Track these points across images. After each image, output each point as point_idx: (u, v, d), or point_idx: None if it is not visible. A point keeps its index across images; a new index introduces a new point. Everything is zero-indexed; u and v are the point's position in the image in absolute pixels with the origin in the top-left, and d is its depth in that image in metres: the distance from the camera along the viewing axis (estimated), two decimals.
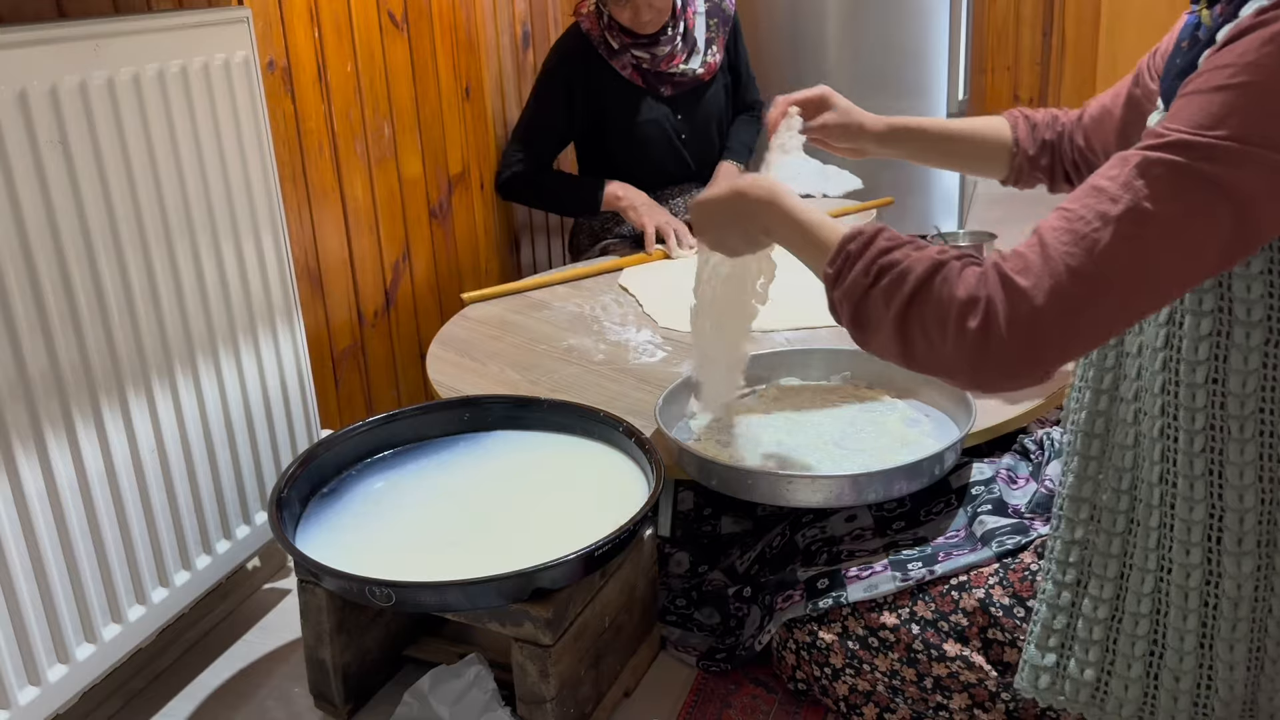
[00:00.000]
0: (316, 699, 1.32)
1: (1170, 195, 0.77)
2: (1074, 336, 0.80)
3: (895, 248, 0.89)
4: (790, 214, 1.02)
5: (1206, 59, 0.80)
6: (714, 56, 2.26)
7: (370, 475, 1.39)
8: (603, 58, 2.19)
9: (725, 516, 1.58)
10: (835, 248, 0.92)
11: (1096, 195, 0.80)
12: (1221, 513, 0.90)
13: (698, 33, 2.24)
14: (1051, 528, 1.04)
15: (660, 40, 2.18)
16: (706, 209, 1.14)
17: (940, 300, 0.83)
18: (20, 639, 1.13)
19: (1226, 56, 0.77)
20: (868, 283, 0.88)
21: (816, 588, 1.23)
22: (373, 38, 1.90)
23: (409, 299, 2.08)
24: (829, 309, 0.94)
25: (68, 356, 1.16)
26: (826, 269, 0.93)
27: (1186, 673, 0.94)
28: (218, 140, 1.36)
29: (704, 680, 1.34)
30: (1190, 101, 0.78)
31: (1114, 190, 0.79)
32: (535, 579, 1.12)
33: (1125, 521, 0.96)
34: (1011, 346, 0.80)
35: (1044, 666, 1.02)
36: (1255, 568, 0.91)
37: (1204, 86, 0.78)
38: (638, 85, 2.21)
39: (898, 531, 1.31)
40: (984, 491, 1.28)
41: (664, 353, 1.68)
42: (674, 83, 2.23)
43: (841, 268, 0.91)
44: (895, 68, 3.27)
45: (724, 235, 1.13)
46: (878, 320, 0.88)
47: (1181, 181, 0.77)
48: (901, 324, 0.86)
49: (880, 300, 0.87)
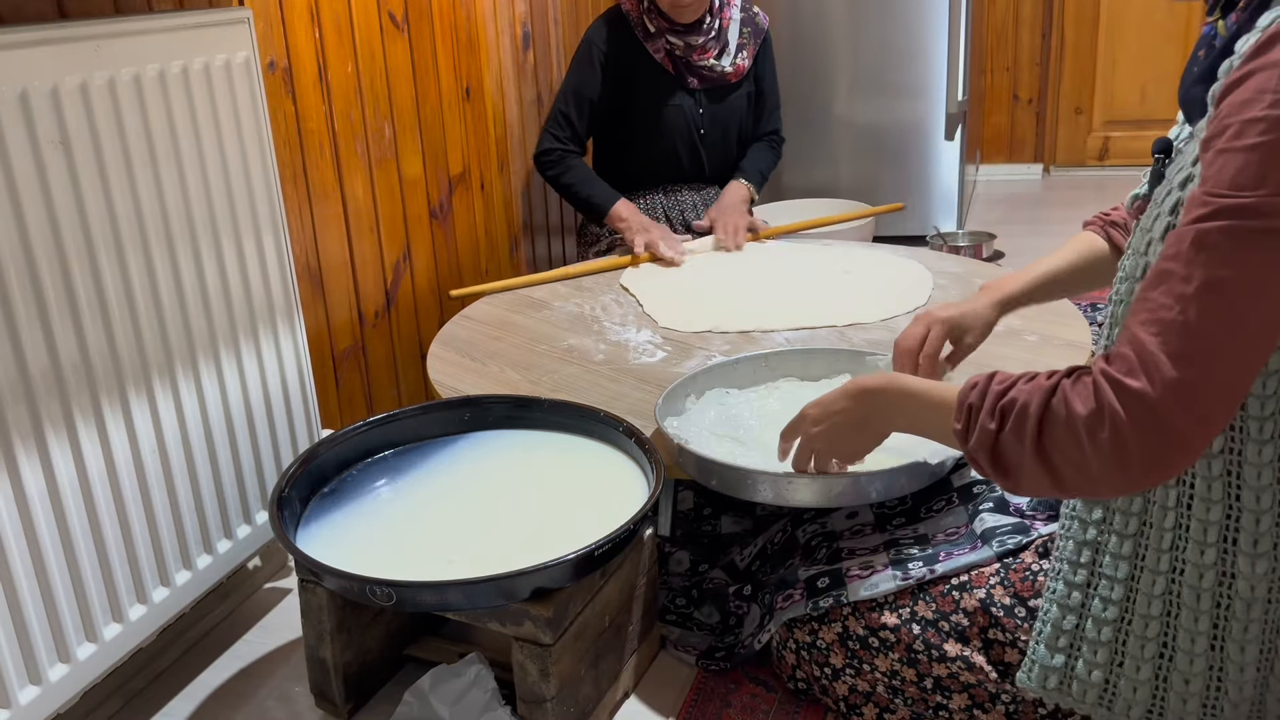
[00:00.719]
0: (317, 698, 1.33)
1: (1236, 259, 0.78)
2: (1207, 413, 0.80)
3: (1010, 388, 0.90)
4: (909, 388, 1.03)
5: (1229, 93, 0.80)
6: (744, 60, 2.33)
7: (371, 475, 1.39)
8: (638, 39, 2.26)
9: (725, 516, 1.58)
10: (956, 405, 0.93)
11: (1168, 279, 0.81)
12: (1239, 513, 0.90)
13: (731, 34, 2.31)
14: (1062, 527, 1.04)
15: (696, 30, 2.24)
16: (829, 416, 1.11)
17: (1066, 423, 0.84)
18: (21, 638, 1.14)
19: (1255, 108, 0.78)
20: (995, 429, 0.89)
21: (817, 587, 1.23)
22: (373, 38, 1.90)
23: (409, 299, 2.08)
24: (970, 464, 0.94)
25: (69, 356, 1.16)
26: (955, 426, 0.94)
27: (1196, 674, 0.94)
28: (219, 140, 1.36)
29: (704, 679, 1.34)
30: (1228, 161, 0.79)
31: (1182, 270, 0.80)
32: (535, 578, 1.12)
33: (1138, 523, 0.96)
34: (1149, 445, 0.81)
35: (1052, 667, 1.02)
36: (1270, 569, 0.91)
37: (1237, 145, 0.78)
38: (668, 71, 2.27)
39: (898, 528, 1.31)
40: (985, 490, 1.28)
41: (664, 353, 1.68)
42: (702, 76, 2.29)
43: (968, 422, 0.92)
44: (895, 68, 3.27)
45: (846, 439, 1.11)
46: (1017, 461, 0.88)
47: (1241, 244, 0.78)
48: (1041, 457, 0.86)
49: (1013, 442, 0.88)
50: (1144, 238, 0.93)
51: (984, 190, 4.13)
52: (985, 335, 1.31)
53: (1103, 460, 0.82)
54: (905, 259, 2.07)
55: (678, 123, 2.31)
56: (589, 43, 2.29)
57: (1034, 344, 1.63)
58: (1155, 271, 0.83)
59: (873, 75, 3.31)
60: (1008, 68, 4.22)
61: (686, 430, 1.38)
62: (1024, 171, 4.33)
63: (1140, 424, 0.80)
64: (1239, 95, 0.79)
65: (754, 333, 1.74)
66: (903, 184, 3.38)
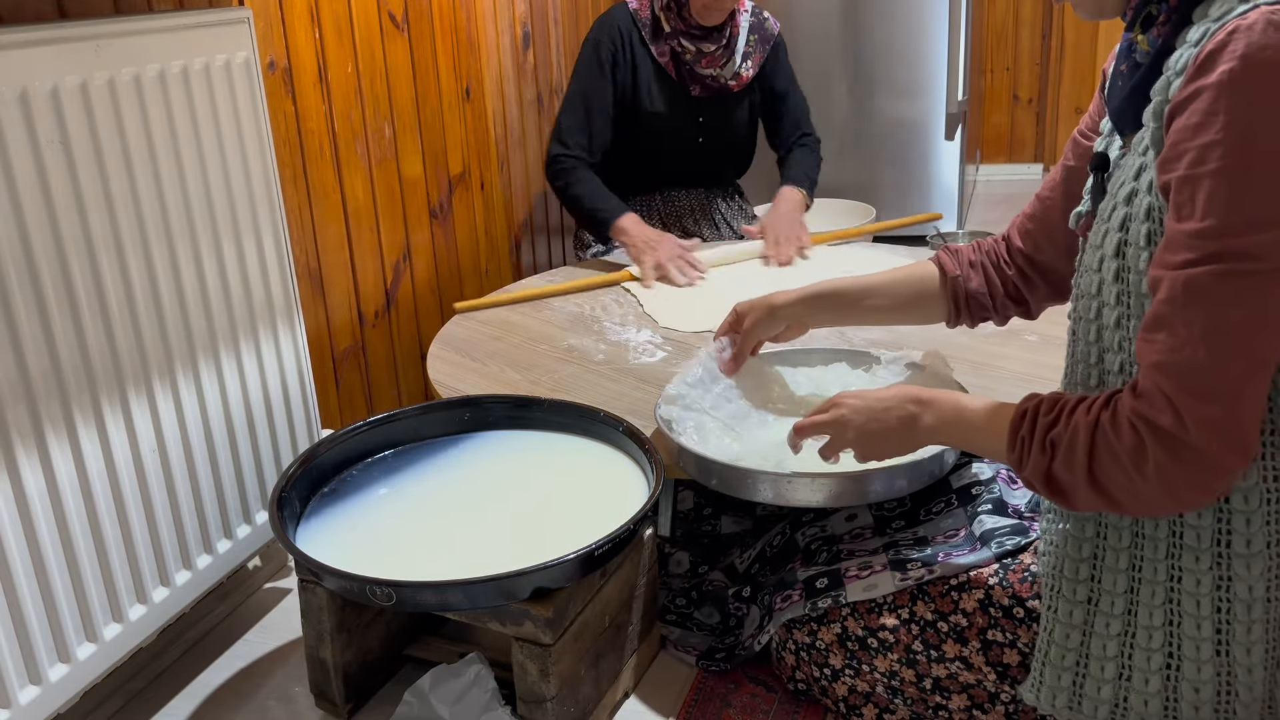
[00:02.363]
0: (317, 698, 1.33)
1: (1233, 302, 0.81)
2: (1241, 439, 0.84)
3: (1057, 420, 0.92)
4: (963, 405, 1.04)
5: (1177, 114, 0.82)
6: (748, 70, 2.25)
7: (371, 475, 1.40)
8: (643, 40, 2.19)
9: (725, 516, 1.58)
10: (1009, 435, 0.96)
11: (1168, 325, 0.84)
12: (1229, 516, 0.91)
13: (739, 43, 2.23)
14: (1055, 547, 1.04)
15: (711, 36, 2.17)
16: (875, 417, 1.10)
17: (1114, 458, 0.87)
18: (21, 638, 1.14)
19: (1209, 132, 0.80)
20: (1047, 462, 0.92)
21: (815, 587, 1.23)
22: (373, 38, 1.90)
23: (409, 299, 2.08)
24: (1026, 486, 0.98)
25: (69, 356, 1.16)
26: (1009, 456, 0.97)
27: (1205, 681, 0.95)
28: (219, 141, 1.36)
29: (704, 680, 1.34)
30: (1195, 190, 0.81)
31: (1181, 316, 0.83)
32: (535, 578, 1.12)
33: (1130, 535, 0.97)
34: (1193, 476, 0.84)
35: (1060, 687, 1.02)
36: (1265, 568, 0.91)
37: (1200, 171, 0.81)
38: (670, 76, 2.21)
39: (897, 531, 1.31)
40: (984, 491, 1.28)
41: (664, 353, 1.68)
42: (704, 84, 2.22)
43: (1021, 455, 0.95)
44: (895, 68, 3.28)
45: (886, 443, 1.11)
46: (1072, 487, 0.91)
47: (1235, 288, 0.81)
48: (1094, 487, 0.90)
49: (1064, 472, 0.91)
50: (1095, 254, 0.95)
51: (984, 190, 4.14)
52: (761, 314, 1.33)
53: (1152, 489, 0.86)
54: (905, 259, 2.07)
55: (676, 130, 2.25)
56: (594, 44, 2.20)
57: (1034, 344, 1.63)
58: (1153, 316, 0.85)
59: (873, 75, 3.31)
60: (1008, 68, 4.22)
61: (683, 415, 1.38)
62: (1024, 171, 4.33)
63: (1181, 459, 0.84)
64: (1189, 119, 0.81)
65: None
66: (903, 184, 3.38)
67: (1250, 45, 0.77)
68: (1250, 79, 0.77)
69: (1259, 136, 0.78)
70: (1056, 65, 4.16)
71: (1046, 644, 1.04)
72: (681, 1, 2.12)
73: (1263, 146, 0.78)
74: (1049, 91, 4.20)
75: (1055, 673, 1.02)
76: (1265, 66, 0.77)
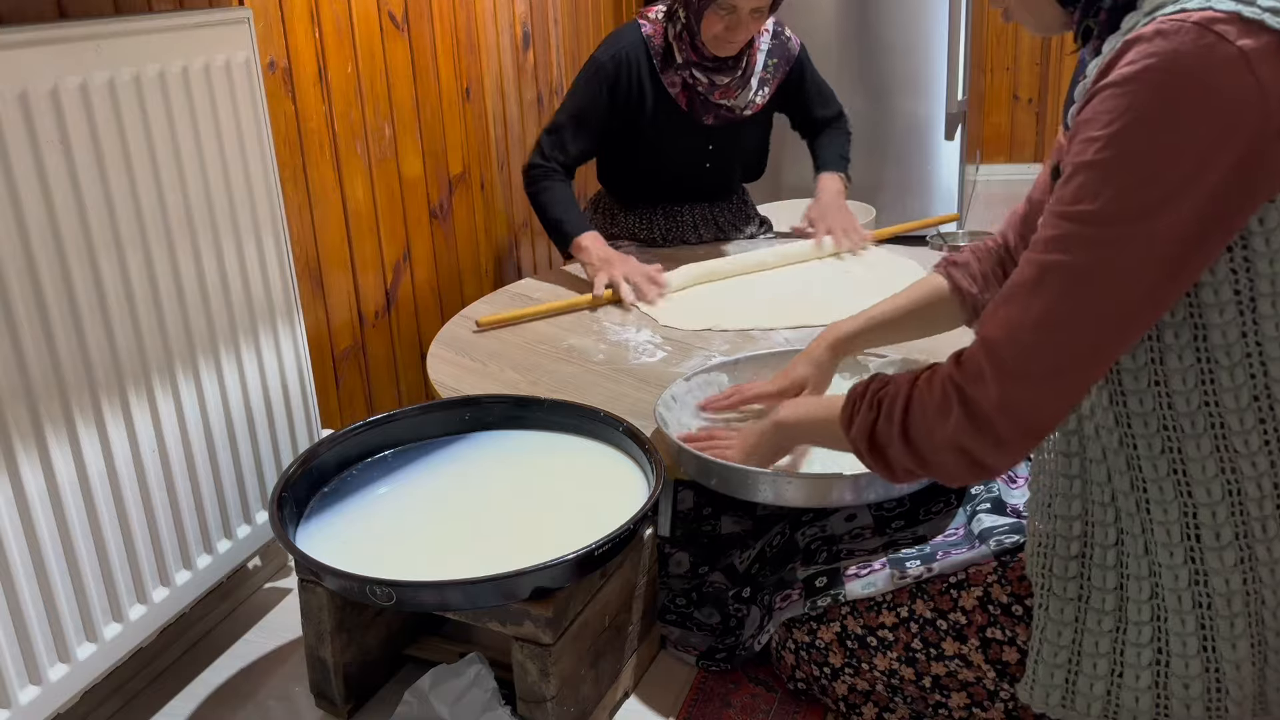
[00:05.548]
0: (317, 698, 1.33)
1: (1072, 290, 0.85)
2: (1037, 418, 0.89)
3: (887, 383, 1.01)
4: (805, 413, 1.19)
5: (1080, 107, 0.88)
6: (763, 98, 2.15)
7: (371, 475, 1.40)
8: (654, 67, 2.06)
9: (725, 516, 1.58)
10: (845, 402, 1.06)
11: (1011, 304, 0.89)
12: (1194, 509, 0.93)
13: (755, 71, 2.13)
14: (1043, 546, 1.05)
15: (725, 67, 2.05)
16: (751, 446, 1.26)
17: (922, 411, 0.95)
18: (21, 638, 1.14)
19: (1093, 128, 0.84)
20: (872, 418, 1.01)
21: (814, 586, 1.23)
22: (373, 38, 1.90)
23: (409, 299, 2.08)
24: (854, 454, 1.05)
25: (69, 356, 1.16)
26: (840, 417, 1.06)
27: (1194, 677, 0.95)
28: (219, 140, 1.36)
29: (704, 680, 1.34)
30: (1070, 178, 0.86)
31: (1023, 299, 0.88)
32: (535, 578, 1.12)
33: (1115, 533, 0.98)
34: (981, 447, 0.91)
35: (1054, 684, 1.03)
36: (1238, 559, 0.92)
37: (1078, 161, 0.85)
38: (680, 108, 2.10)
39: (897, 530, 1.31)
40: (982, 490, 1.29)
41: (664, 353, 1.68)
42: (717, 114, 2.12)
43: (851, 413, 1.04)
44: (895, 68, 3.28)
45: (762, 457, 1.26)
46: (888, 442, 0.99)
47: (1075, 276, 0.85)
48: (905, 441, 0.97)
49: (885, 426, 0.99)
50: None
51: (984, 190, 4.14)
52: (825, 377, 1.41)
53: (946, 451, 0.93)
54: (905, 259, 2.07)
55: (684, 156, 2.17)
56: (598, 65, 2.06)
57: None
58: (1004, 290, 0.91)
59: (873, 75, 3.31)
60: (1008, 68, 4.23)
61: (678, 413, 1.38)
62: (1024, 171, 4.33)
63: (979, 430, 0.90)
64: (1084, 115, 0.86)
65: (753, 331, 1.74)
66: (903, 184, 3.39)
67: (1139, 53, 0.82)
68: (1136, 82, 0.82)
69: (1133, 135, 0.82)
70: (1056, 65, 4.16)
71: (1039, 642, 1.04)
72: (694, 31, 1.99)
73: (1132, 145, 0.82)
74: (1049, 91, 4.21)
75: (1049, 670, 1.03)
76: (1148, 72, 0.81)
